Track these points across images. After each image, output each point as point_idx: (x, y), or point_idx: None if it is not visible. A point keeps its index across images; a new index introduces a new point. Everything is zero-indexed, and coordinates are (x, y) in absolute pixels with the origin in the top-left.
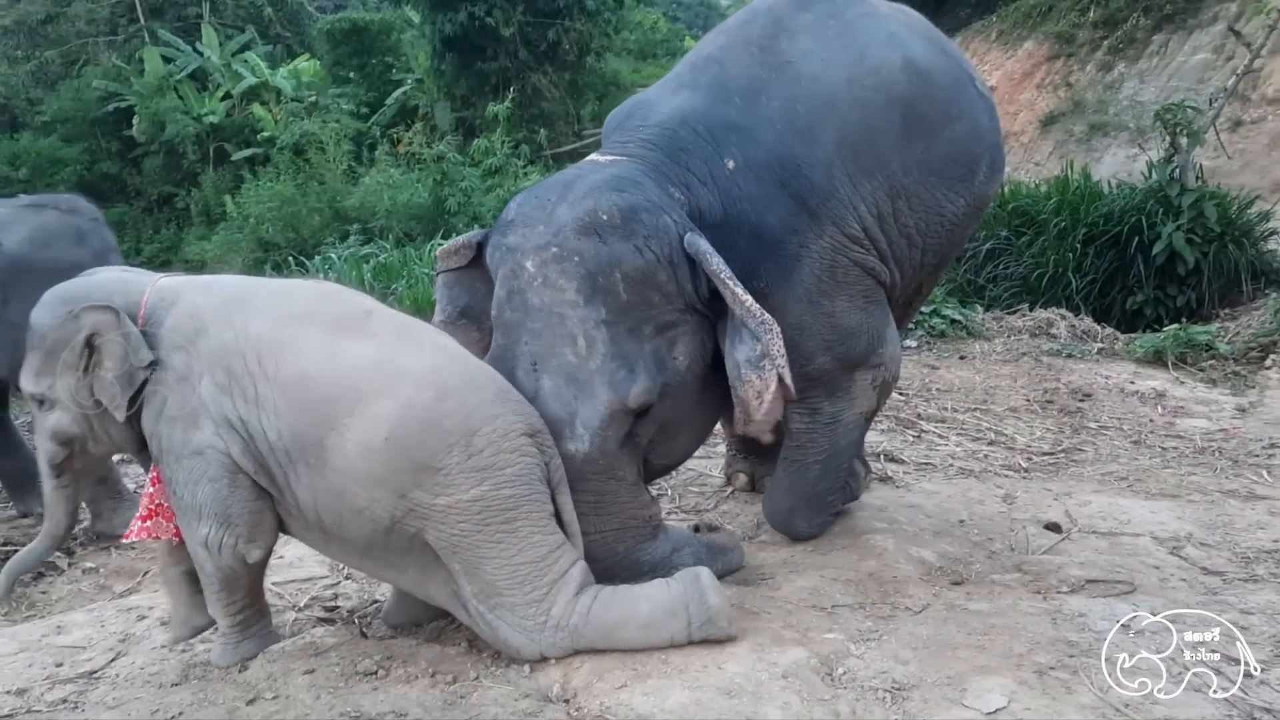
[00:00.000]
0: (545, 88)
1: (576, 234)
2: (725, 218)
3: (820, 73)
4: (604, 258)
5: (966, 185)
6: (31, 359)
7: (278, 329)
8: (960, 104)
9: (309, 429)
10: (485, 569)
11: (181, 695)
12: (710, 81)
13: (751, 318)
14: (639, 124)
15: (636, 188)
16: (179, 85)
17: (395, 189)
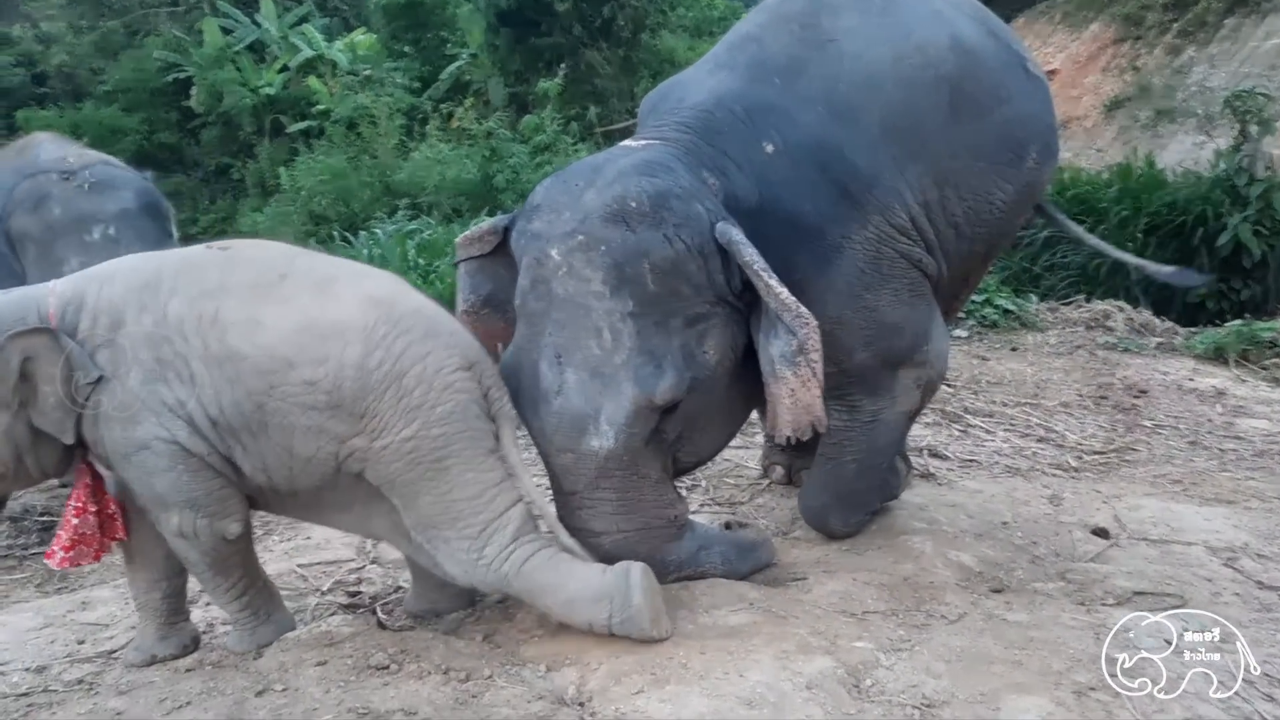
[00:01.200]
0: (599, 64)
1: (604, 221)
2: (761, 204)
3: (864, 50)
4: (632, 247)
5: (1016, 171)
6: None
7: (196, 306)
8: (1009, 86)
9: (246, 400)
10: (420, 505)
11: (192, 683)
12: (748, 61)
13: (787, 311)
14: (674, 106)
15: (668, 173)
16: (237, 57)
17: (444, 164)
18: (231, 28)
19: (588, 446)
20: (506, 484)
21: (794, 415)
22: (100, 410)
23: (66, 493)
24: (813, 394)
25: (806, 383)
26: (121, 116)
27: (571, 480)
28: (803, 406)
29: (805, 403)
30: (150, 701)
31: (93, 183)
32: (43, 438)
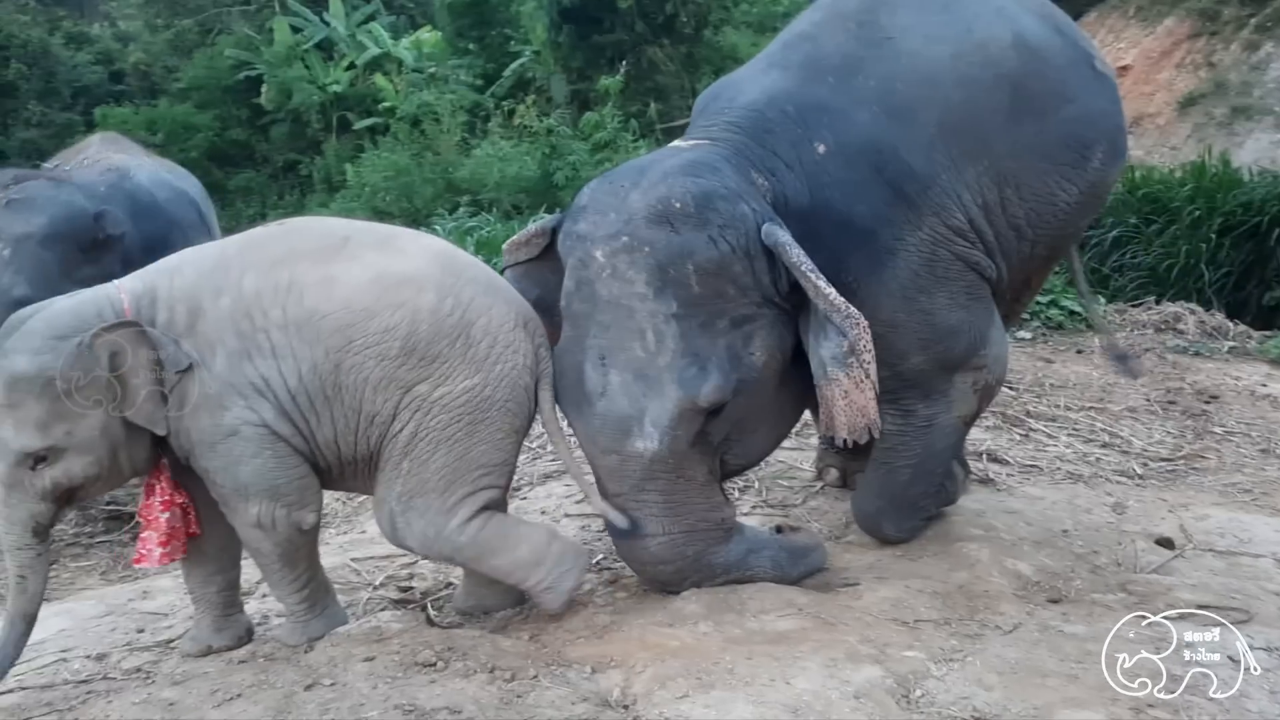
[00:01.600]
0: (661, 61)
1: (648, 223)
2: (812, 205)
3: (922, 49)
4: (676, 248)
5: (1080, 171)
6: (27, 412)
7: (270, 276)
8: (1074, 84)
9: (324, 360)
10: (430, 464)
11: (243, 675)
12: (802, 60)
13: (837, 312)
14: (724, 106)
15: (713, 173)
16: (306, 55)
17: (505, 161)
18: (301, 26)
19: (632, 448)
20: (505, 470)
21: (849, 417)
22: (187, 399)
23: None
24: (867, 395)
25: (860, 384)
26: (194, 113)
27: (617, 482)
28: (857, 408)
29: (860, 404)
30: (202, 693)
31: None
32: (134, 432)
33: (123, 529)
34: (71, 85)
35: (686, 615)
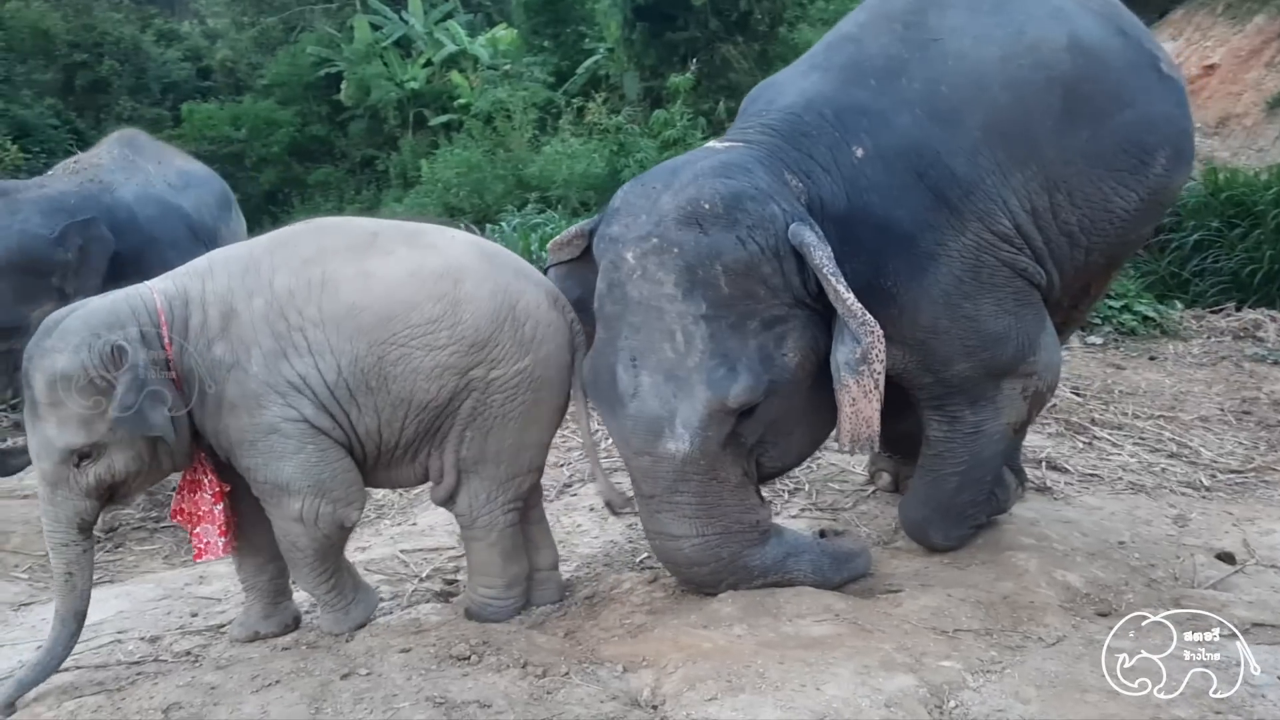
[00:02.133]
0: (734, 58)
1: (677, 224)
2: (849, 209)
3: (969, 50)
4: (704, 249)
5: (1139, 178)
6: (70, 409)
7: (301, 274)
8: (1134, 88)
9: (368, 352)
10: (489, 441)
11: (283, 662)
12: (844, 62)
13: (853, 318)
14: (763, 109)
15: (744, 174)
16: (385, 52)
17: (573, 158)
18: (380, 24)
19: (664, 449)
20: (547, 448)
21: (853, 425)
22: (224, 401)
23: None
24: (872, 406)
25: (868, 393)
26: (276, 109)
27: (650, 483)
28: (862, 418)
29: (865, 414)
30: (243, 678)
31: None
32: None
33: None
34: (161, 81)
35: (721, 617)
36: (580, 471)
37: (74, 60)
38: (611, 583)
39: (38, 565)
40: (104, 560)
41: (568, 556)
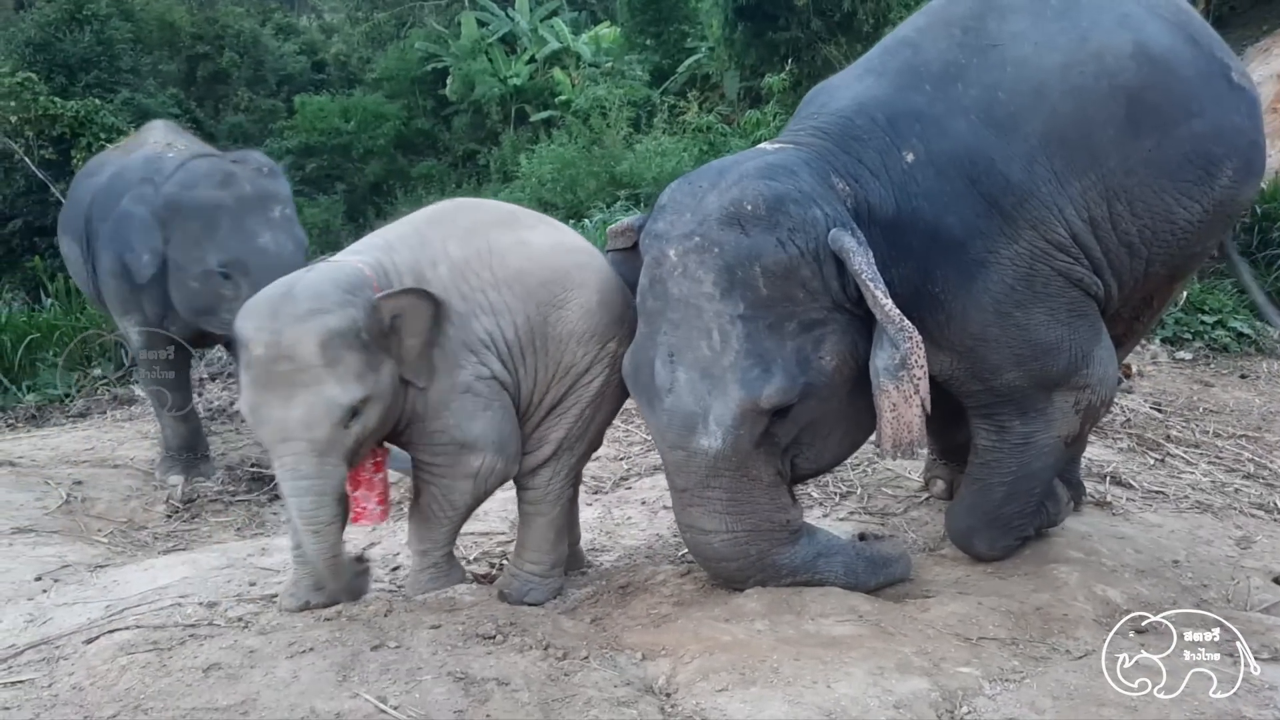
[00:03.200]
0: (836, 59)
1: (720, 224)
2: (898, 214)
3: (1030, 57)
4: (744, 250)
5: (1204, 189)
6: (347, 365)
7: (468, 244)
8: (1203, 97)
9: (536, 313)
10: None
11: (320, 631)
12: (900, 67)
13: (891, 324)
14: (815, 111)
15: (789, 177)
16: (490, 49)
17: (664, 156)
18: (487, 20)
19: (697, 445)
20: None
21: (894, 430)
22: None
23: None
24: (914, 411)
25: (909, 399)
26: (384, 103)
27: (683, 477)
28: (903, 423)
29: (906, 419)
30: (281, 643)
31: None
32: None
33: (263, 489)
34: (277, 73)
35: (745, 612)
36: (639, 466)
37: (197, 52)
38: (647, 574)
39: (118, 531)
40: (180, 529)
41: (612, 546)
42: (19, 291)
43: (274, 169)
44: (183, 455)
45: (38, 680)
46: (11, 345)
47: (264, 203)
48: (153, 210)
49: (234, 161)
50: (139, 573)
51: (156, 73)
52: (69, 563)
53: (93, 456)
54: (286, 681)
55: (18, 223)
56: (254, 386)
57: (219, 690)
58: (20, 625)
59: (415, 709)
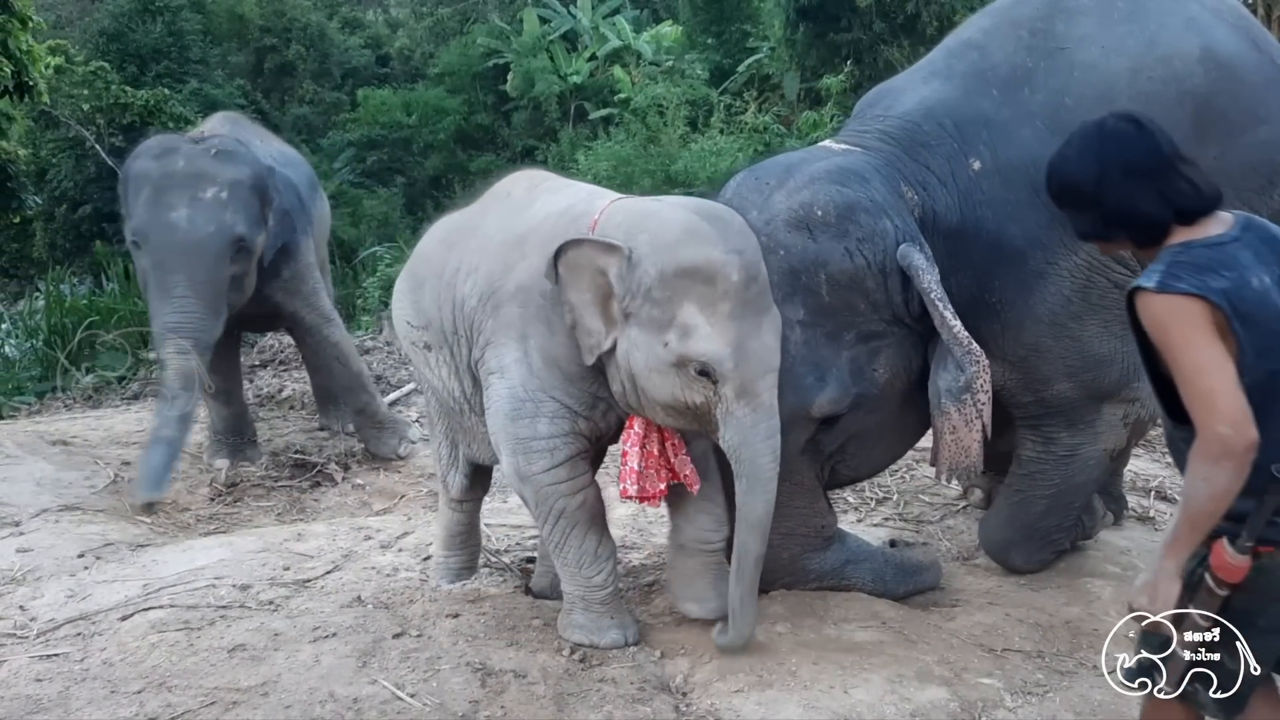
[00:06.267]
0: (899, 61)
1: (787, 226)
2: (961, 223)
3: (1098, 61)
4: (810, 256)
5: (1264, 198)
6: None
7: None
8: (1269, 103)
9: None
10: None
11: (345, 617)
12: (966, 70)
13: (958, 345)
14: (881, 114)
15: (861, 184)
16: (551, 45)
17: (719, 156)
18: (549, 17)
19: None
20: None
21: (951, 454)
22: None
23: (324, 435)
24: (974, 435)
25: (970, 422)
26: (445, 98)
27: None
28: (961, 447)
29: (964, 444)
30: (306, 627)
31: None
32: None
33: (305, 475)
34: (342, 66)
35: (767, 615)
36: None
37: (264, 44)
38: None
39: (161, 512)
40: (222, 512)
41: (643, 544)
42: (86, 275)
43: (233, 152)
44: (229, 439)
45: (71, 654)
46: (72, 328)
47: (195, 180)
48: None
49: (195, 140)
50: (178, 553)
51: (225, 64)
52: (111, 541)
53: (143, 438)
54: (308, 665)
55: (87, 209)
56: (735, 318)
57: (242, 671)
58: (60, 600)
59: (431, 697)
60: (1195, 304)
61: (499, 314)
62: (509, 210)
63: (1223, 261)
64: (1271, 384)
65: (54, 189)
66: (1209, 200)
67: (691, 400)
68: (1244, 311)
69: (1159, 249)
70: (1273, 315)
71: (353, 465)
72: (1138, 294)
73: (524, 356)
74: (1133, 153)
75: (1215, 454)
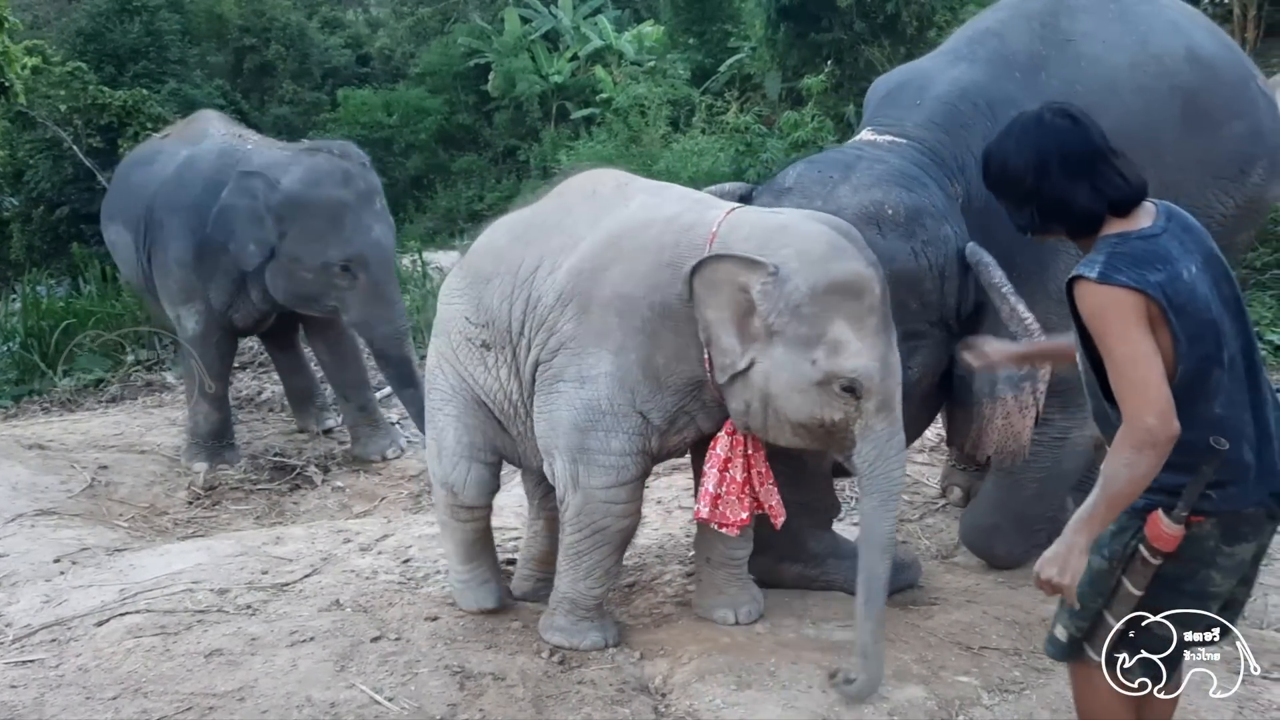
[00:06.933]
0: (879, 61)
1: (858, 219)
2: (990, 201)
3: (1102, 55)
4: (879, 251)
5: (1238, 186)
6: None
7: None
8: (1243, 101)
9: None
10: None
11: (323, 621)
12: (989, 55)
13: (1027, 335)
14: (914, 98)
15: (923, 189)
16: (532, 45)
17: (701, 155)
18: (530, 17)
19: None
20: None
21: (1002, 438)
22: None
23: (303, 438)
24: (1026, 421)
25: (1024, 409)
26: (426, 97)
27: None
28: (1013, 432)
29: (1016, 429)
30: (283, 631)
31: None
32: None
33: (284, 479)
34: (322, 66)
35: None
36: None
37: (244, 44)
38: (654, 573)
39: (139, 516)
40: (200, 516)
41: None
42: (64, 277)
43: (367, 161)
44: (209, 443)
45: (47, 660)
46: (49, 331)
47: (371, 197)
48: (267, 205)
49: (339, 154)
50: (155, 557)
51: (204, 64)
52: (88, 546)
53: (120, 442)
54: (285, 670)
55: (65, 210)
56: (878, 333)
57: (219, 676)
58: (36, 606)
59: (409, 701)
60: (1133, 296)
61: (586, 319)
62: (598, 209)
63: (1157, 254)
64: (1202, 368)
65: (31, 190)
66: (1138, 191)
67: (830, 418)
68: (1177, 303)
69: (1094, 239)
70: (1201, 305)
71: (332, 468)
72: (1079, 282)
73: (617, 369)
74: (1069, 146)
75: (1140, 441)
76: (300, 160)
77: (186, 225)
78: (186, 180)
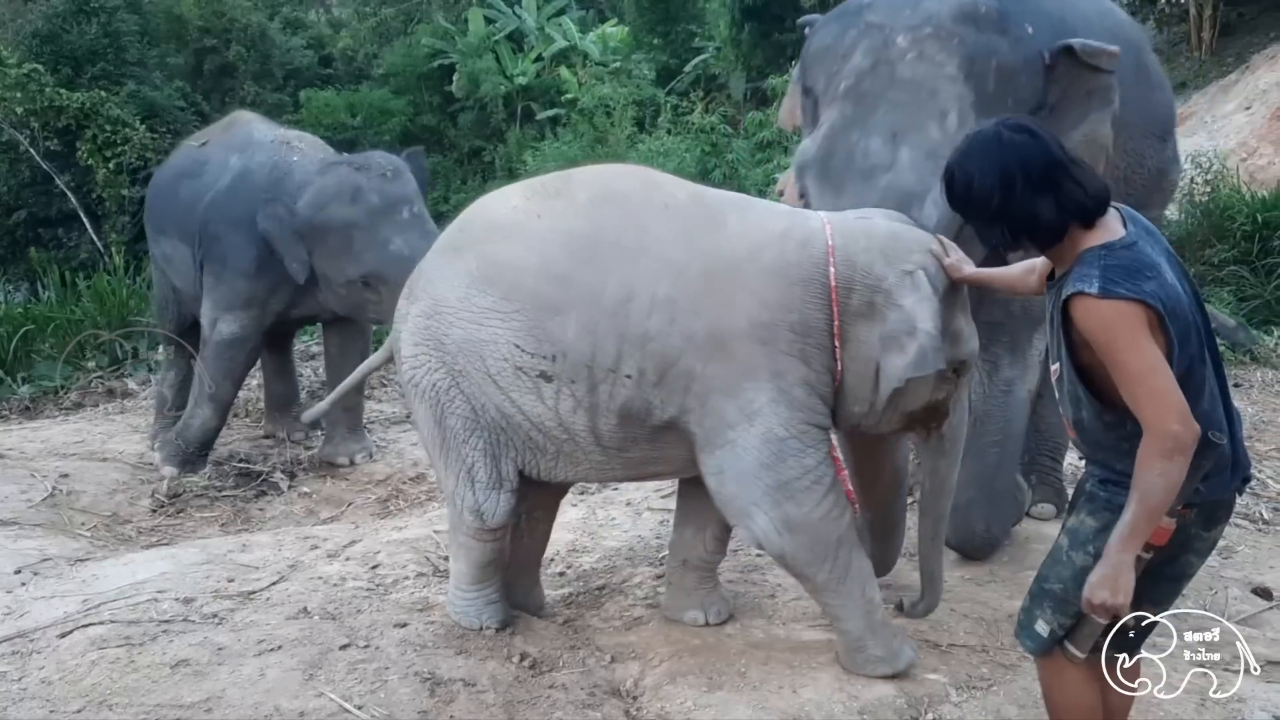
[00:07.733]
0: None
1: (954, 19)
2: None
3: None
4: (983, 45)
5: (1159, 150)
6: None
7: None
8: (1160, 71)
9: None
10: None
11: (290, 630)
12: None
13: None
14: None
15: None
16: (497, 46)
17: (666, 156)
18: (495, 18)
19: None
20: None
21: None
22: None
23: (269, 443)
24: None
25: None
26: (391, 98)
27: None
28: None
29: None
30: (250, 640)
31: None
32: None
33: (249, 485)
34: (284, 67)
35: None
36: None
37: (204, 45)
38: (624, 575)
39: (101, 525)
40: (164, 524)
41: (593, 548)
42: (22, 283)
43: (398, 169)
44: (190, 450)
45: (9, 674)
46: (7, 337)
47: (392, 208)
48: (292, 230)
49: (358, 168)
50: (119, 567)
51: (163, 65)
52: (49, 556)
53: (81, 449)
54: (253, 679)
55: (22, 214)
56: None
57: (185, 687)
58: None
59: (379, 709)
60: (1135, 307)
61: (728, 357)
62: (686, 227)
63: (1144, 263)
64: (1190, 368)
65: None
66: (1100, 200)
67: (936, 399)
68: (1169, 308)
69: (1063, 249)
70: (1184, 306)
71: (299, 473)
72: (1078, 299)
73: (779, 395)
74: (1032, 161)
75: (1169, 449)
76: (312, 181)
77: (249, 238)
78: (241, 194)
